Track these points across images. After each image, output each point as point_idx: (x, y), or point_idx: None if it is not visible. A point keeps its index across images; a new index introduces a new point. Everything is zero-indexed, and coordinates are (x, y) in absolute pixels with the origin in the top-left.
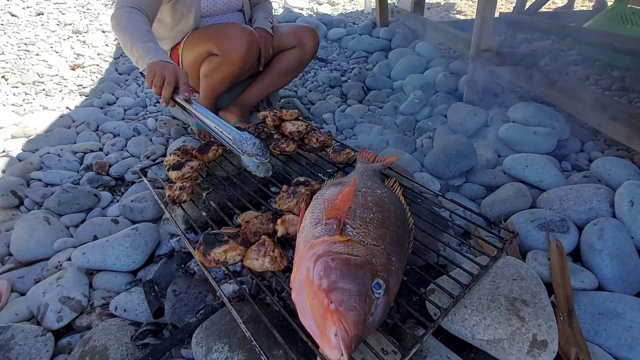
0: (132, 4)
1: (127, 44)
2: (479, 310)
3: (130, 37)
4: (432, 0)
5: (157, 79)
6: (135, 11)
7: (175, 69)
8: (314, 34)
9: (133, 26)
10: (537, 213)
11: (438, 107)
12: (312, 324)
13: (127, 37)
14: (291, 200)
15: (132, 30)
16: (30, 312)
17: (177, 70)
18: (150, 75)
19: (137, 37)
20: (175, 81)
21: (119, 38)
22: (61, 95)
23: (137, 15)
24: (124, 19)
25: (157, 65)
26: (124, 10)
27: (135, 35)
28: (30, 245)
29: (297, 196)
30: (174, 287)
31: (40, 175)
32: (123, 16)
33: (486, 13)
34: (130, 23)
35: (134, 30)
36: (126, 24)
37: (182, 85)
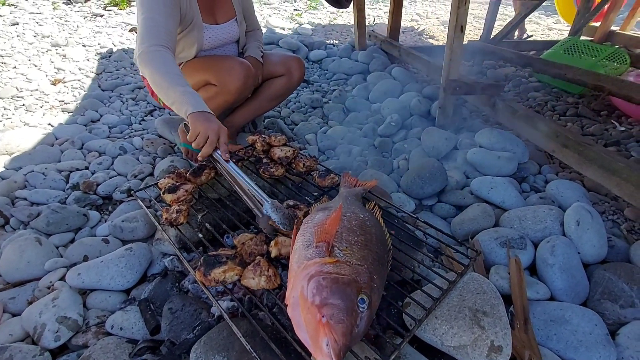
0: (160, 42)
1: (162, 86)
2: (447, 320)
3: (167, 79)
4: (407, 24)
5: (200, 138)
6: (165, 50)
7: (219, 129)
8: (301, 65)
9: (168, 67)
10: (500, 231)
11: (413, 130)
12: (306, 336)
13: (163, 79)
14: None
15: (168, 71)
16: (25, 332)
17: (220, 130)
18: (194, 133)
19: (173, 80)
20: (217, 141)
21: (151, 78)
22: (42, 111)
23: (168, 54)
24: (157, 59)
25: (201, 122)
26: (154, 49)
27: (172, 78)
28: (21, 266)
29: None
30: (170, 305)
31: (25, 194)
32: (155, 55)
33: (455, 48)
34: (164, 64)
35: (169, 71)
36: (160, 65)
37: (222, 145)
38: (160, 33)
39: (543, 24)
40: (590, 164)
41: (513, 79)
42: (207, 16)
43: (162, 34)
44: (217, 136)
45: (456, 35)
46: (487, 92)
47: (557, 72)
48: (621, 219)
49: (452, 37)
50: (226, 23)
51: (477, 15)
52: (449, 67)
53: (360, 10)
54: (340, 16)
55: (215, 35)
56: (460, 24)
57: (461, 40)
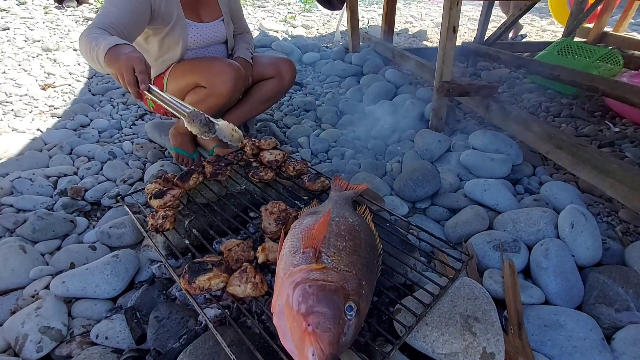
0: (104, 26)
1: (88, 52)
2: (438, 327)
3: (87, 42)
4: (401, 26)
5: (120, 81)
6: (103, 31)
7: (128, 63)
8: (292, 67)
9: (92, 35)
10: (493, 234)
11: (406, 133)
12: (292, 345)
13: (89, 43)
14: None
15: (90, 39)
16: (6, 343)
17: (131, 62)
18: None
19: (92, 40)
20: (133, 72)
21: (83, 51)
22: (31, 117)
23: (106, 33)
24: (86, 35)
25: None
26: (93, 28)
27: (90, 40)
28: (4, 275)
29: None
30: (156, 314)
31: (11, 201)
32: (86, 32)
33: (447, 49)
34: (90, 34)
35: (91, 38)
36: (86, 37)
37: (139, 75)
38: (106, 21)
39: (537, 26)
40: (584, 165)
41: (507, 80)
42: (191, 13)
43: (108, 22)
44: (132, 71)
45: (449, 37)
46: (481, 94)
47: (550, 73)
48: (616, 221)
49: (445, 39)
50: (212, 22)
51: (471, 17)
52: (441, 69)
53: (353, 12)
54: (334, 19)
55: (200, 34)
56: (453, 25)
57: (454, 42)
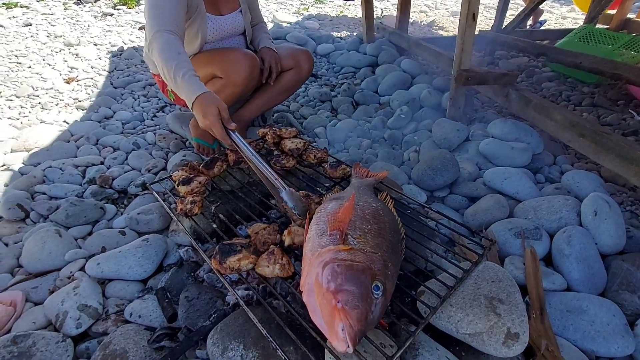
0: (167, 27)
1: (165, 72)
2: (462, 308)
3: (168, 64)
4: (415, 16)
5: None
6: (170, 34)
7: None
8: (310, 57)
9: (172, 51)
10: (514, 222)
11: (423, 122)
12: (321, 321)
13: (165, 64)
14: None
15: (171, 56)
16: (47, 320)
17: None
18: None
19: (174, 64)
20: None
21: (158, 63)
22: (57, 109)
23: (173, 38)
24: (162, 43)
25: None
26: (160, 34)
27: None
28: (42, 257)
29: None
30: (186, 294)
31: (44, 189)
32: (161, 39)
33: (466, 37)
34: (169, 48)
35: (172, 56)
36: (164, 49)
37: (225, 121)
38: (165, 18)
39: (556, 13)
40: (607, 153)
41: (526, 69)
42: (211, 7)
43: (167, 19)
44: (218, 118)
45: (468, 24)
46: (500, 82)
47: (572, 60)
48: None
49: (464, 26)
50: (230, 14)
51: (488, 5)
52: (460, 57)
53: (368, 2)
54: (347, 9)
55: (218, 27)
56: (472, 12)
57: (473, 29)
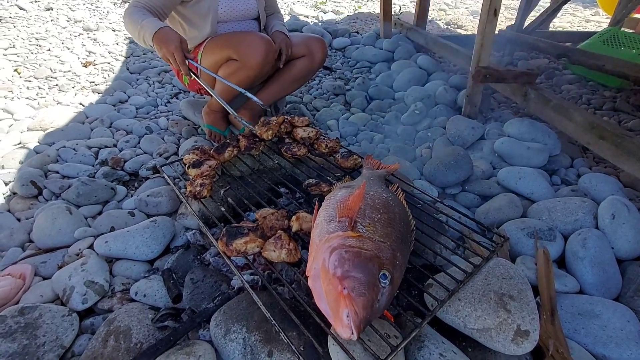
0: (142, 4)
1: (130, 28)
2: (471, 303)
3: (133, 20)
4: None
5: (169, 61)
6: (143, 10)
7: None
8: (323, 45)
9: (138, 14)
10: (527, 222)
11: (438, 119)
12: (326, 307)
13: (132, 22)
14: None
15: (137, 18)
16: (54, 294)
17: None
18: (161, 54)
19: (138, 19)
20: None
21: (128, 29)
22: (74, 91)
23: (145, 12)
24: (132, 12)
25: (159, 47)
26: (134, 7)
27: (137, 18)
28: (52, 233)
29: None
30: (191, 276)
31: (57, 168)
32: (132, 9)
33: (487, 33)
34: (136, 13)
35: (138, 17)
36: (132, 15)
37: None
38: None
39: (580, 16)
40: (628, 157)
41: (546, 70)
42: None
43: (144, 2)
44: (179, 46)
45: (489, 20)
46: (519, 81)
47: (594, 63)
48: None
49: (485, 22)
50: None
51: (509, 5)
52: (479, 54)
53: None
54: (365, 5)
55: (231, 5)
56: (494, 7)
57: (494, 25)
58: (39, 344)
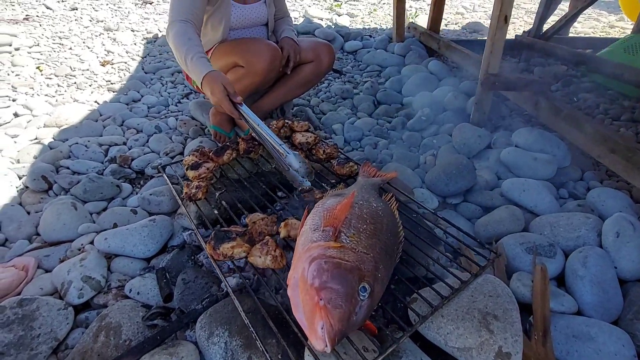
0: (184, 17)
1: (178, 55)
2: (454, 320)
3: (182, 48)
4: (451, 17)
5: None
6: (187, 28)
7: (220, 86)
8: (331, 51)
9: (185, 36)
10: (527, 237)
11: (445, 126)
12: (302, 317)
13: (178, 48)
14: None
15: (184, 41)
16: (53, 287)
17: (222, 85)
18: (208, 96)
19: (186, 48)
20: (228, 100)
21: (173, 50)
22: (91, 90)
23: (189, 26)
24: (178, 30)
25: (208, 90)
26: (178, 22)
27: (186, 47)
28: (57, 227)
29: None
30: (183, 276)
31: (68, 164)
32: (178, 26)
33: (497, 40)
34: (184, 34)
35: (185, 41)
36: (179, 35)
37: (231, 96)
38: (183, 8)
39: (604, 21)
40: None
41: (563, 78)
42: None
43: (184, 9)
44: (224, 94)
45: (499, 26)
46: (530, 89)
47: (614, 71)
48: None
49: (495, 28)
50: (254, 4)
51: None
52: (488, 60)
53: (400, 0)
54: (381, 7)
55: (243, 15)
56: (505, 13)
57: (504, 32)
58: (34, 336)
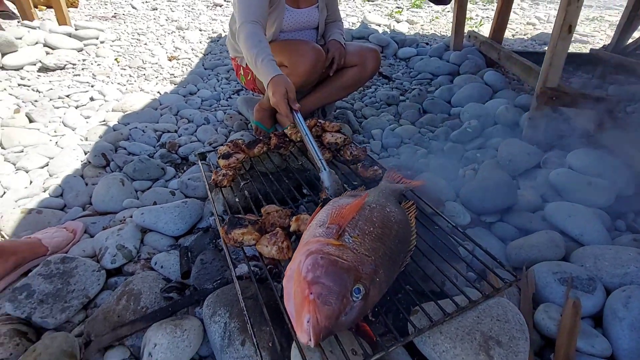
0: (253, 18)
1: (249, 59)
2: (452, 338)
3: (252, 51)
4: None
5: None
6: (256, 29)
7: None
8: (377, 56)
9: (255, 39)
10: (565, 266)
11: (492, 140)
12: (292, 309)
13: (249, 53)
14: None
15: (253, 44)
16: (93, 251)
17: (284, 89)
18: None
19: (255, 51)
20: (287, 103)
21: (243, 51)
22: (156, 81)
23: (258, 28)
24: (248, 32)
25: (271, 92)
26: (250, 27)
27: (255, 49)
28: (106, 199)
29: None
30: (202, 257)
31: (125, 145)
32: (247, 28)
33: (558, 51)
34: (253, 36)
35: (255, 44)
36: (249, 37)
37: (290, 101)
38: (251, 10)
39: None
40: None
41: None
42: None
43: (253, 10)
44: (285, 98)
45: (561, 36)
46: (594, 107)
47: None
48: None
49: (556, 38)
50: (307, 8)
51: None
52: (547, 73)
53: (461, 7)
54: (444, 15)
55: (295, 18)
56: (569, 22)
57: (567, 43)
58: (69, 290)
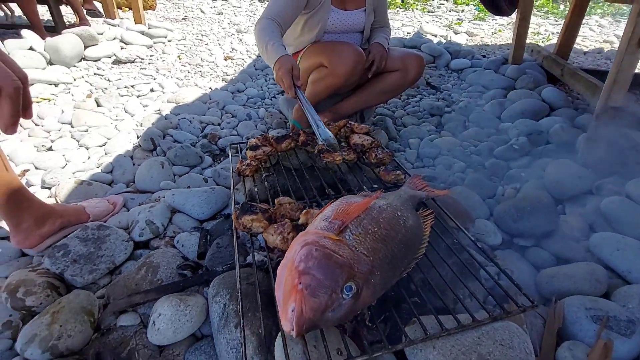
0: (272, 16)
1: (260, 47)
2: (445, 355)
3: (262, 38)
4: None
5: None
6: (272, 25)
7: (286, 70)
8: (420, 63)
9: (267, 30)
10: (602, 303)
11: (540, 160)
12: (280, 296)
13: (260, 42)
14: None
15: (265, 34)
16: (127, 223)
17: (290, 68)
18: (275, 75)
19: (266, 38)
20: (291, 78)
21: (256, 41)
22: (210, 78)
23: (273, 24)
24: (263, 26)
25: (276, 72)
26: (265, 22)
27: (265, 37)
28: (146, 179)
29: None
30: (218, 241)
31: (173, 133)
32: (263, 23)
33: (624, 67)
34: (266, 29)
35: (266, 34)
36: (262, 29)
37: (294, 79)
38: (275, 9)
39: None
40: None
41: None
42: (337, 1)
43: (276, 10)
44: (290, 73)
45: (629, 50)
46: None
47: None
48: None
49: (623, 53)
50: (354, 11)
51: None
52: (610, 90)
53: (523, 19)
54: (508, 29)
55: (340, 20)
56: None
57: (636, 58)
58: (99, 255)
